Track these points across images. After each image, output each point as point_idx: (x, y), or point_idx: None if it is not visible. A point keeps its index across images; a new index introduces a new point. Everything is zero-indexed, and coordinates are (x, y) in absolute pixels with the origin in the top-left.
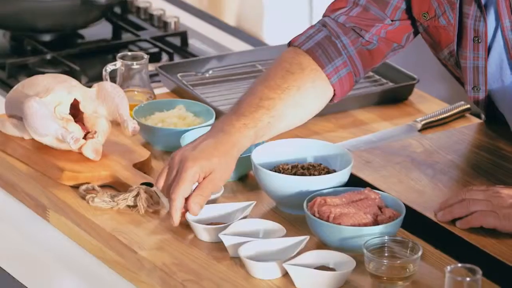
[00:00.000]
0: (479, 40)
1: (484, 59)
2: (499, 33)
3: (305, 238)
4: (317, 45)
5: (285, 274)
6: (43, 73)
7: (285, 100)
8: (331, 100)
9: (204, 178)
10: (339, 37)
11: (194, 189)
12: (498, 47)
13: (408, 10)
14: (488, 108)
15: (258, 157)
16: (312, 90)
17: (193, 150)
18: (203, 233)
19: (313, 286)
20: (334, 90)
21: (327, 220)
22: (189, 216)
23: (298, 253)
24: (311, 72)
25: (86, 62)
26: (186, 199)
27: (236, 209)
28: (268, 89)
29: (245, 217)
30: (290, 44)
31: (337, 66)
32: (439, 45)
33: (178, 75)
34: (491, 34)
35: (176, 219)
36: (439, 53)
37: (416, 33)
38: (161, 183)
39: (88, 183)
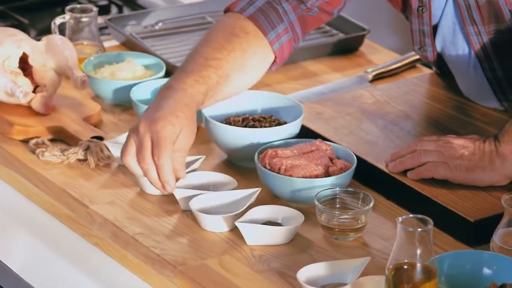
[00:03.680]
0: (423, 10)
1: (429, 25)
2: None
3: (256, 190)
4: (259, 11)
5: (236, 227)
6: None
7: (231, 62)
8: (270, 67)
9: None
10: (280, 3)
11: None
12: (451, 11)
13: None
14: (440, 65)
15: (209, 109)
16: (255, 55)
17: (156, 112)
18: (151, 187)
19: (263, 241)
20: (275, 57)
21: (278, 172)
22: (138, 172)
23: (249, 207)
24: (255, 37)
25: (35, 15)
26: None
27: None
28: (213, 50)
29: (193, 171)
30: (229, 9)
31: (279, 32)
32: (396, 8)
33: (128, 27)
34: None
35: (173, 183)
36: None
37: None
38: (128, 156)
39: (38, 137)
